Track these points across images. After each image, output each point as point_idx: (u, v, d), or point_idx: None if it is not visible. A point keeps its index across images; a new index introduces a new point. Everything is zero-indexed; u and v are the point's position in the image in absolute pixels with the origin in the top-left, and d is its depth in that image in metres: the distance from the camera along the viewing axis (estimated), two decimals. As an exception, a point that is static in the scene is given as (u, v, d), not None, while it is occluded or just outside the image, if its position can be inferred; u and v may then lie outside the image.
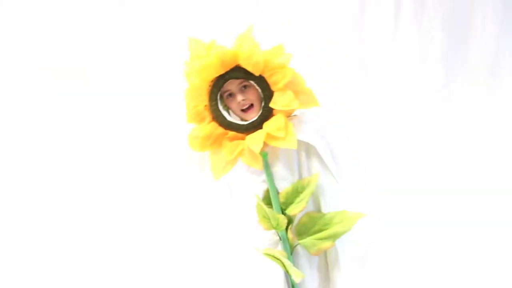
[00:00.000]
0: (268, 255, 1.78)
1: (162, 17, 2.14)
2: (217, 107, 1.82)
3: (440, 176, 2.02)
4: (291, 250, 1.83)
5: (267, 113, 1.80)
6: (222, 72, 1.78)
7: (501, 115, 2.05)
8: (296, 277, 1.72)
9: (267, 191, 1.85)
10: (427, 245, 1.99)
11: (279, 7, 2.08)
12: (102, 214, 2.07)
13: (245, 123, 1.82)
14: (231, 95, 1.84)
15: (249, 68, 1.77)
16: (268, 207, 1.80)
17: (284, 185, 1.83)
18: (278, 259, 1.76)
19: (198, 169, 2.05)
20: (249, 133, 1.81)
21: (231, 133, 1.83)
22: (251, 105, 1.83)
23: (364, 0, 2.05)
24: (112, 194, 2.07)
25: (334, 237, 1.78)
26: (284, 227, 1.80)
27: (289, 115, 1.82)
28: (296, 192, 1.81)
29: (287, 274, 1.80)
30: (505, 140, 2.03)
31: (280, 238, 1.83)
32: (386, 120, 2.04)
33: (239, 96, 1.82)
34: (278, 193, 1.84)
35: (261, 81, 1.78)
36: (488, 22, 2.05)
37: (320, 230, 1.79)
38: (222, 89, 1.82)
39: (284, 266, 1.76)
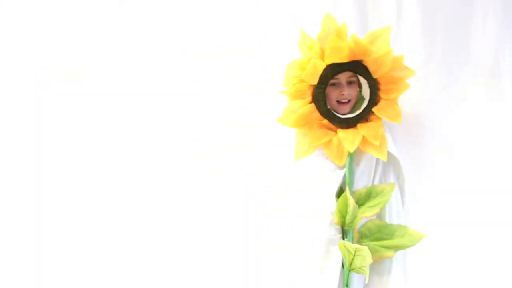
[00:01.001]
0: (344, 247, 1.76)
1: (162, 16, 2.13)
2: (324, 91, 1.82)
3: (440, 176, 2.01)
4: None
5: (365, 115, 1.83)
6: (346, 60, 1.79)
7: (501, 115, 2.03)
8: (367, 278, 1.75)
9: (340, 188, 1.85)
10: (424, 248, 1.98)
11: (279, 7, 2.11)
12: (103, 214, 2.03)
13: (342, 116, 1.83)
14: (334, 84, 1.85)
15: (373, 69, 1.80)
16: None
17: (358, 186, 1.85)
18: (353, 255, 1.75)
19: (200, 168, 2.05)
20: (339, 127, 1.83)
21: (325, 121, 1.83)
22: (349, 100, 1.85)
23: (365, 1, 2.05)
24: (113, 194, 2.04)
25: (397, 248, 1.82)
26: (356, 226, 1.82)
27: (380, 123, 1.86)
28: (369, 195, 1.84)
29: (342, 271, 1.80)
30: (506, 140, 2.02)
31: (345, 236, 1.82)
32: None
33: (346, 89, 1.84)
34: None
35: (374, 83, 1.82)
36: (489, 23, 2.03)
37: (382, 239, 1.83)
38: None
39: (351, 263, 1.76)
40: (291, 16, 2.07)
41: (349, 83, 1.85)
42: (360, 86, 1.87)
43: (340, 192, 1.84)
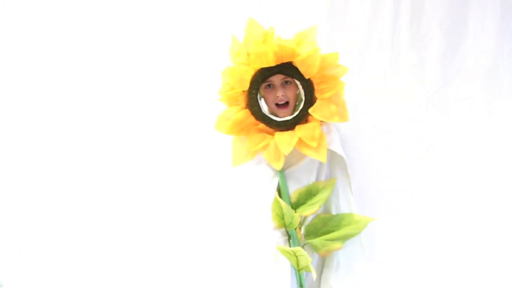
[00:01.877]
0: (285, 251, 1.76)
1: (161, 15, 2.15)
2: (256, 96, 1.81)
3: (438, 176, 2.03)
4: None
5: (302, 116, 1.81)
6: (273, 64, 1.78)
7: (499, 115, 2.04)
8: (314, 275, 1.73)
9: (278, 189, 1.84)
10: (425, 248, 2.03)
11: (280, 9, 2.12)
12: (100, 215, 2.09)
13: (279, 119, 1.81)
14: (270, 86, 1.83)
15: (302, 70, 1.78)
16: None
17: (297, 187, 1.83)
18: (296, 256, 1.75)
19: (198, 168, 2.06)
20: (278, 130, 1.81)
21: (262, 125, 1.82)
22: (287, 102, 1.83)
23: (363, 2, 2.08)
24: (111, 194, 2.09)
25: (344, 238, 1.81)
26: (296, 226, 1.81)
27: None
28: (309, 194, 1.82)
29: (293, 272, 1.80)
30: (503, 140, 2.03)
31: (290, 237, 1.82)
32: (383, 120, 2.07)
33: (280, 91, 1.82)
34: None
35: (307, 84, 1.80)
36: (487, 23, 2.04)
37: (329, 232, 1.81)
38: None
39: (297, 264, 1.76)
40: (291, 19, 2.07)
41: (285, 83, 1.82)
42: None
43: (280, 196, 1.83)
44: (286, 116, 1.81)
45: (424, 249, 2.02)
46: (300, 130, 1.78)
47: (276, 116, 1.83)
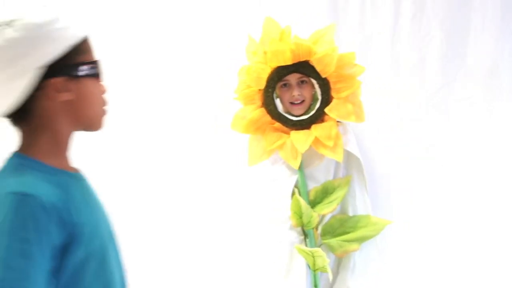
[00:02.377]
0: (303, 251, 1.74)
1: (161, 14, 2.13)
2: (272, 95, 1.80)
3: (438, 176, 2.03)
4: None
5: (318, 116, 1.79)
6: (290, 63, 1.76)
7: (499, 115, 2.04)
8: (330, 276, 1.73)
9: (296, 188, 1.82)
10: (426, 247, 2.02)
11: (280, 8, 2.08)
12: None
13: (295, 118, 1.80)
14: (286, 85, 1.81)
15: (319, 68, 1.76)
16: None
17: (314, 185, 1.81)
18: (313, 257, 1.73)
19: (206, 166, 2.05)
20: (294, 129, 1.80)
21: (277, 124, 1.81)
22: (302, 101, 1.81)
23: (364, 2, 2.07)
24: (113, 193, 2.00)
25: (361, 240, 1.80)
26: (315, 225, 1.79)
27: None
28: (325, 192, 1.81)
29: (309, 272, 1.78)
30: (503, 141, 2.03)
31: (306, 237, 1.80)
32: (383, 120, 2.06)
33: (296, 90, 1.80)
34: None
35: (324, 83, 1.78)
36: (487, 23, 2.03)
37: (345, 232, 1.80)
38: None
39: (314, 264, 1.74)
40: (292, 18, 1.99)
41: (301, 82, 1.81)
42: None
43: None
44: (300, 113, 1.80)
45: (423, 249, 2.02)
46: (317, 129, 1.77)
47: (291, 115, 1.81)
